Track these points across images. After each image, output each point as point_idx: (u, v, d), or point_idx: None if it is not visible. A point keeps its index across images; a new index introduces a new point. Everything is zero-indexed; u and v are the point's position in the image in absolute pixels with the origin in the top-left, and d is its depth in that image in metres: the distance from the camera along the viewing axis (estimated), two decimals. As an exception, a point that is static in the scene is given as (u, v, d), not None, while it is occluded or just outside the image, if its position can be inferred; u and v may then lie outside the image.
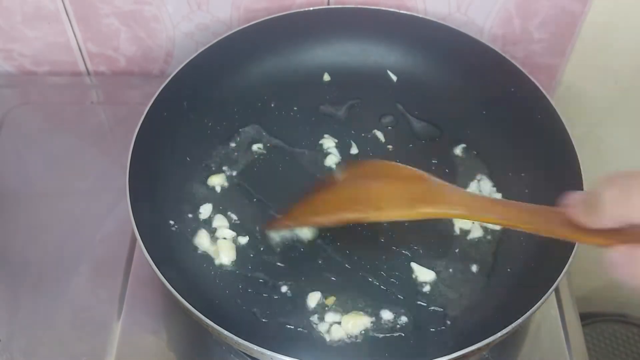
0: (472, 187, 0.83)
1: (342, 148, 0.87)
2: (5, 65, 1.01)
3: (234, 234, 0.78)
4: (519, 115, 0.85)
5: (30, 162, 0.92)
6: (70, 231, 0.84)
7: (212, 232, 0.79)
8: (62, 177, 0.90)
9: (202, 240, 0.78)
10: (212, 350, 0.75)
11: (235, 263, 0.77)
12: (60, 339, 0.76)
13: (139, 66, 1.02)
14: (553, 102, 0.82)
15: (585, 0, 0.89)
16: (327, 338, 0.72)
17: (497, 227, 0.79)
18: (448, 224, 0.80)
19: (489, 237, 0.79)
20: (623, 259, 0.49)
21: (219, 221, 0.80)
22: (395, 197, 0.66)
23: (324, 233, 0.78)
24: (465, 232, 0.79)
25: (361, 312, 0.73)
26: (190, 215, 0.80)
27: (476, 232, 0.79)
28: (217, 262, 0.76)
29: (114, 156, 0.89)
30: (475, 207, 0.63)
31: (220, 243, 0.77)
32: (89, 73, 1.03)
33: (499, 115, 0.87)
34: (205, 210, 0.80)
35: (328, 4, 0.94)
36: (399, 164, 0.71)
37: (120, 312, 0.77)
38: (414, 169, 0.68)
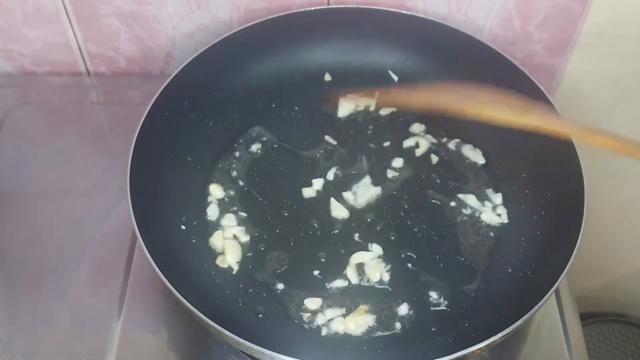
0: (473, 187, 0.83)
1: (343, 147, 0.87)
2: (5, 65, 1.01)
3: (237, 234, 0.78)
4: (519, 115, 0.85)
5: (30, 162, 0.91)
6: (70, 231, 0.84)
7: (217, 231, 0.79)
8: (62, 177, 0.90)
9: (212, 240, 0.78)
10: (212, 350, 0.75)
11: (237, 262, 0.77)
12: (60, 339, 0.75)
13: (139, 66, 1.02)
14: (553, 102, 0.82)
15: (585, 0, 0.89)
16: (328, 337, 0.72)
17: (498, 225, 0.80)
18: (448, 224, 0.80)
19: (490, 235, 0.79)
20: None
21: (224, 221, 0.79)
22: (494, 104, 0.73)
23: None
24: (465, 233, 0.79)
25: (363, 312, 0.73)
26: (191, 215, 0.80)
27: (476, 233, 0.79)
28: (222, 262, 0.76)
29: (114, 156, 0.89)
30: (573, 132, 0.73)
31: (226, 243, 0.77)
32: (89, 73, 1.03)
33: (499, 115, 0.87)
34: (207, 209, 0.80)
35: (328, 4, 0.94)
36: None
37: (120, 312, 0.77)
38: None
